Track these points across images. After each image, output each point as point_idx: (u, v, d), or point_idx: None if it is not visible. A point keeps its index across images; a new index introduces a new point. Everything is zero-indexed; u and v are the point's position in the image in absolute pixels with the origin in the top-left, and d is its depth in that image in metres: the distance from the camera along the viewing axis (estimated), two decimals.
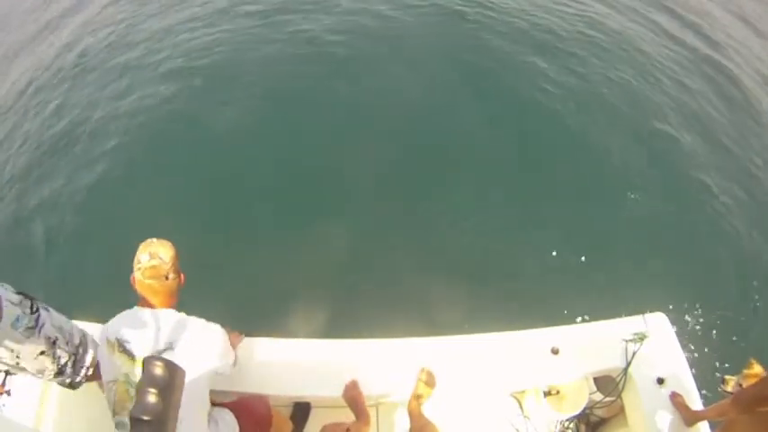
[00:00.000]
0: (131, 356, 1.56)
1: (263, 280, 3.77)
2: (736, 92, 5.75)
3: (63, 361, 1.72)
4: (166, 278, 1.64)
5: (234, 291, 3.68)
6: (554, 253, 3.97)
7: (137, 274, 1.63)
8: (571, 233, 4.10)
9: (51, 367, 1.70)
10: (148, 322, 1.61)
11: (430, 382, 2.06)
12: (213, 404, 1.88)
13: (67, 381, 1.79)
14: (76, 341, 1.78)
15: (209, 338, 1.69)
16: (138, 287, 1.65)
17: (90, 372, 1.83)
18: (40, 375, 1.71)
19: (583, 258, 3.96)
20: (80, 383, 1.83)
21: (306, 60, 5.62)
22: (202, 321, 1.70)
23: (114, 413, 1.59)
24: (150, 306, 1.66)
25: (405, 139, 4.72)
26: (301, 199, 4.31)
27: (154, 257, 1.62)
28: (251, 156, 4.66)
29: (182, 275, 1.72)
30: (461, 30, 6.05)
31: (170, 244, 1.69)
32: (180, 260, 1.71)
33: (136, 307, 1.69)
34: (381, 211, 4.17)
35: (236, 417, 1.91)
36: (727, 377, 2.03)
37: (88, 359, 1.80)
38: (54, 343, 1.67)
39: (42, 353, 1.63)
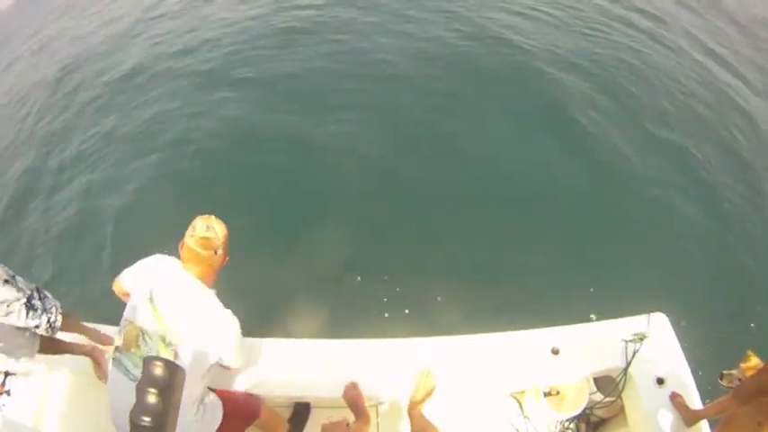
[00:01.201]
0: (159, 315, 1.63)
1: (263, 280, 3.76)
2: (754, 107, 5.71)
3: (29, 292, 1.78)
4: (215, 252, 1.69)
5: (234, 291, 3.66)
6: (555, 253, 3.96)
7: (188, 240, 1.68)
8: (572, 233, 4.10)
9: (19, 296, 1.74)
10: (186, 289, 1.68)
11: (430, 382, 2.06)
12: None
13: (45, 319, 1.81)
14: (31, 285, 1.85)
15: (228, 328, 1.73)
16: (185, 253, 1.70)
17: (61, 310, 1.88)
18: (11, 308, 1.73)
19: (583, 258, 3.95)
20: (57, 323, 1.86)
21: (318, 67, 5.63)
22: (229, 312, 1.75)
23: (116, 349, 1.69)
24: (193, 270, 1.71)
25: (407, 143, 4.73)
26: (301, 199, 4.31)
27: (210, 230, 1.69)
28: (253, 156, 4.67)
29: (227, 257, 1.78)
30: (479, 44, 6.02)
31: (225, 225, 1.77)
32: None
33: (180, 263, 1.73)
34: (382, 212, 4.17)
35: (225, 407, 1.93)
36: (724, 372, 2.01)
37: (53, 301, 1.88)
38: (14, 277, 1.76)
39: (6, 281, 1.72)
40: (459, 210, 4.24)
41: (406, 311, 3.57)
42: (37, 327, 1.80)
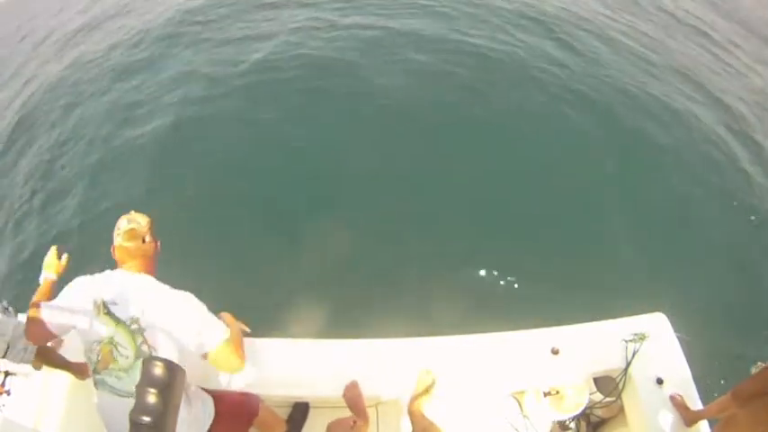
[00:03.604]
0: (116, 320, 1.62)
1: (263, 280, 3.77)
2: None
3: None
4: (143, 241, 1.74)
5: (234, 290, 3.66)
6: (554, 253, 3.96)
7: (116, 240, 1.73)
8: (572, 233, 4.10)
9: None
10: (130, 285, 1.69)
11: (430, 382, 2.06)
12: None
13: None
14: None
15: (186, 303, 1.71)
16: (117, 253, 1.75)
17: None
18: None
19: (583, 258, 3.95)
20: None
21: (314, 65, 5.62)
22: (181, 293, 1.72)
23: (95, 371, 1.68)
24: (131, 267, 1.74)
25: (407, 141, 4.73)
26: (302, 199, 4.31)
27: (132, 222, 1.75)
28: (254, 156, 4.67)
29: (157, 242, 1.81)
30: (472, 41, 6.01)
31: (147, 215, 1.82)
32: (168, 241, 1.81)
33: (117, 269, 1.76)
34: (381, 212, 4.17)
35: (216, 405, 1.92)
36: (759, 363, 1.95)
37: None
38: None
39: None
40: (460, 210, 4.24)
41: (407, 311, 3.56)
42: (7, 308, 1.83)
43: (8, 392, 1.95)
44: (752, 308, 3.86)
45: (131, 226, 1.73)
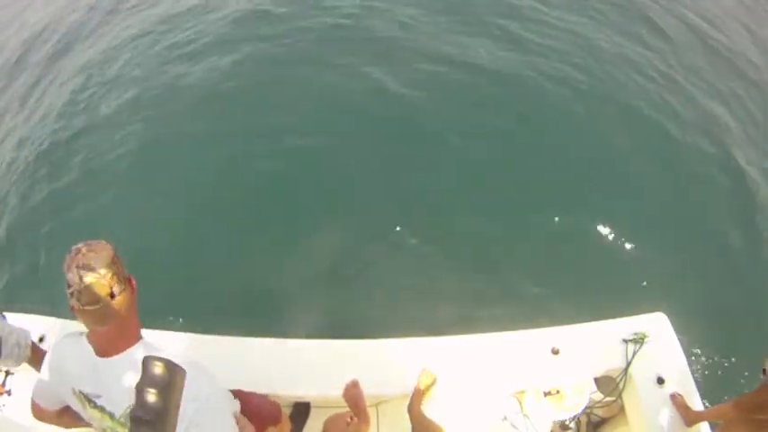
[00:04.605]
0: (109, 414, 1.29)
1: (263, 280, 3.76)
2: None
3: None
4: (112, 296, 1.19)
5: (234, 290, 3.67)
6: (554, 253, 3.96)
7: (74, 304, 1.18)
8: (571, 233, 4.10)
9: None
10: (109, 374, 1.26)
11: (431, 382, 2.06)
12: None
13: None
14: None
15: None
16: (79, 317, 1.21)
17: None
18: None
19: (583, 258, 3.96)
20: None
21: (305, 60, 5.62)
22: (202, 381, 1.30)
23: None
24: (102, 339, 1.26)
25: (406, 141, 4.72)
26: (301, 199, 4.31)
27: (87, 272, 1.15)
28: (254, 155, 4.65)
29: (131, 280, 1.28)
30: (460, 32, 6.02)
31: (104, 244, 1.21)
32: (128, 261, 1.26)
33: (86, 342, 1.29)
34: (381, 212, 4.17)
35: (243, 408, 1.87)
36: None
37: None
38: None
39: None
40: (459, 210, 4.23)
41: (407, 311, 3.57)
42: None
43: (8, 392, 1.96)
44: (752, 307, 3.85)
45: (88, 281, 1.15)
